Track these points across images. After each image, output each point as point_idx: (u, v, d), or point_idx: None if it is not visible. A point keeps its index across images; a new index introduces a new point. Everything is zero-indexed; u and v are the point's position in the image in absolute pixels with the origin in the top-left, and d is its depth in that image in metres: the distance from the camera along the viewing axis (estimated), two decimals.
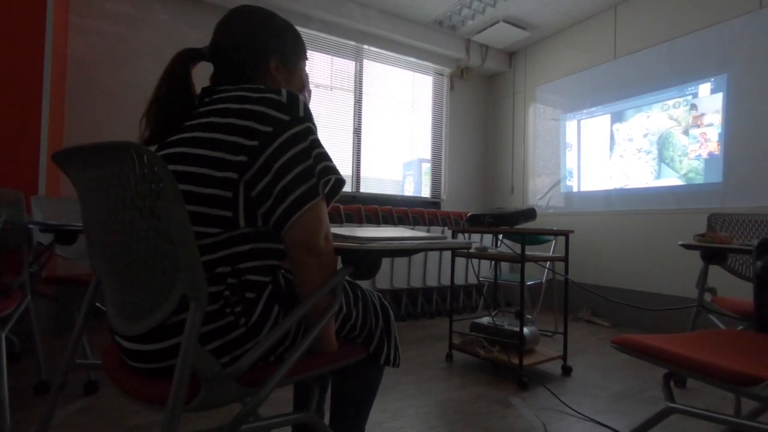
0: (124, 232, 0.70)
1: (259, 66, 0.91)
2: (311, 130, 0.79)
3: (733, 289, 2.25)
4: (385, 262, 3.28)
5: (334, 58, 3.98)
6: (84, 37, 2.96)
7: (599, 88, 3.74)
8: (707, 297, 1.96)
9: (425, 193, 4.56)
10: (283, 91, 0.80)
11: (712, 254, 1.73)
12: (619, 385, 2.06)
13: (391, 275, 3.30)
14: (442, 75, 4.54)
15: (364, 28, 3.82)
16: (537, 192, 4.31)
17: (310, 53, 3.83)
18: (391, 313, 1.03)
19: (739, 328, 1.74)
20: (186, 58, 0.89)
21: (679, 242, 1.73)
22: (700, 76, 3.06)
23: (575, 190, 3.94)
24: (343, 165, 3.97)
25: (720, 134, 2.94)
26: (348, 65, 4.06)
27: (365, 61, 4.09)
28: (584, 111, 3.88)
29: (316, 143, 0.79)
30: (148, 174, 0.63)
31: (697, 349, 0.92)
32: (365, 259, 0.87)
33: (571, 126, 4.00)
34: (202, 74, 0.93)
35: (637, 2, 3.48)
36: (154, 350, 0.72)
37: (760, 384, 0.74)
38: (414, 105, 4.49)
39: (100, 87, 3.00)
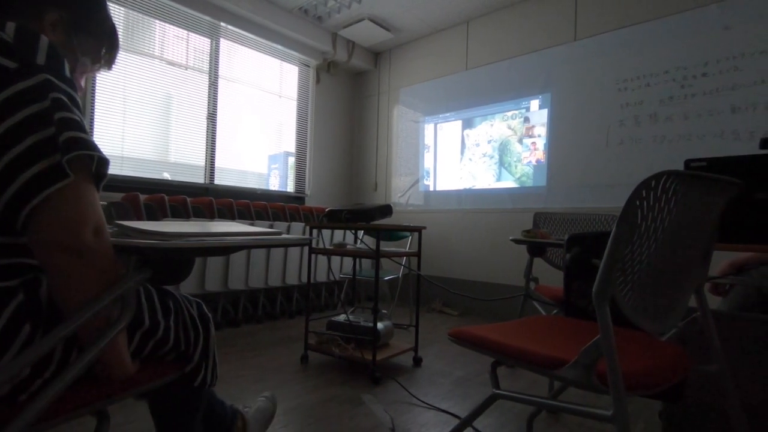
0: None
1: (29, 9, 0.68)
2: (53, 85, 0.58)
3: (554, 278, 2.61)
4: (241, 260, 3.03)
5: (190, 34, 3.54)
6: None
7: (453, 96, 4.05)
8: (532, 286, 2.23)
9: (290, 187, 4.37)
10: (9, 25, 0.57)
11: (535, 248, 1.97)
12: (461, 370, 2.22)
13: (246, 274, 3.06)
14: (308, 66, 4.41)
15: (219, 2, 3.47)
16: (398, 190, 4.48)
17: (162, 25, 3.36)
18: (212, 324, 0.88)
19: (554, 312, 2.01)
20: None
21: (510, 237, 1.92)
22: (531, 93, 3.51)
23: (432, 189, 4.20)
24: (195, 153, 3.56)
25: (545, 144, 3.41)
26: (203, 42, 3.65)
27: (224, 41, 3.72)
28: (440, 116, 4.15)
29: (61, 104, 0.58)
30: None
31: (517, 336, 0.99)
32: (170, 260, 0.71)
33: (429, 129, 4.25)
34: None
35: (485, 20, 3.84)
36: None
37: (562, 367, 0.81)
38: (282, 96, 4.27)
39: None
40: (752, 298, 1.41)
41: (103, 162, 0.61)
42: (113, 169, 2.99)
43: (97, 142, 0.61)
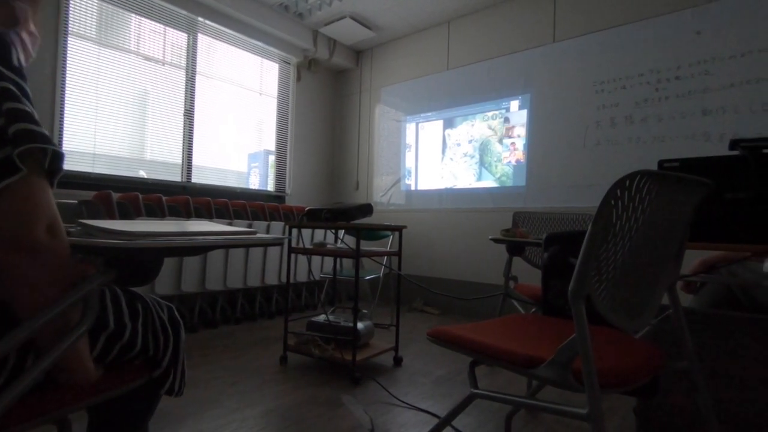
0: None
1: None
2: (0, 74, 0.54)
3: (533, 277, 2.64)
4: (219, 260, 2.97)
5: (167, 28, 3.45)
6: None
7: (434, 96, 4.06)
8: (511, 284, 2.25)
9: (271, 186, 4.31)
10: None
11: (514, 247, 1.98)
12: (441, 369, 2.22)
13: (224, 275, 3.00)
14: (289, 64, 4.36)
15: None
16: (380, 189, 4.47)
17: (138, 19, 3.25)
18: (182, 330, 0.85)
19: (533, 310, 2.03)
20: None
21: (490, 236, 1.92)
22: (511, 94, 3.54)
23: (413, 188, 4.20)
24: (172, 151, 3.47)
25: (524, 145, 3.45)
26: (180, 37, 3.56)
27: (201, 36, 3.64)
28: (422, 115, 4.16)
29: (10, 94, 0.54)
30: None
31: (495, 336, 0.99)
32: (136, 261, 0.69)
33: (410, 128, 4.25)
34: None
35: (466, 21, 3.86)
36: None
37: (539, 366, 0.81)
38: (262, 93, 4.21)
39: None
40: (722, 295, 1.45)
41: (58, 156, 0.58)
42: (85, 167, 2.89)
43: (67, 139, 0.58)
